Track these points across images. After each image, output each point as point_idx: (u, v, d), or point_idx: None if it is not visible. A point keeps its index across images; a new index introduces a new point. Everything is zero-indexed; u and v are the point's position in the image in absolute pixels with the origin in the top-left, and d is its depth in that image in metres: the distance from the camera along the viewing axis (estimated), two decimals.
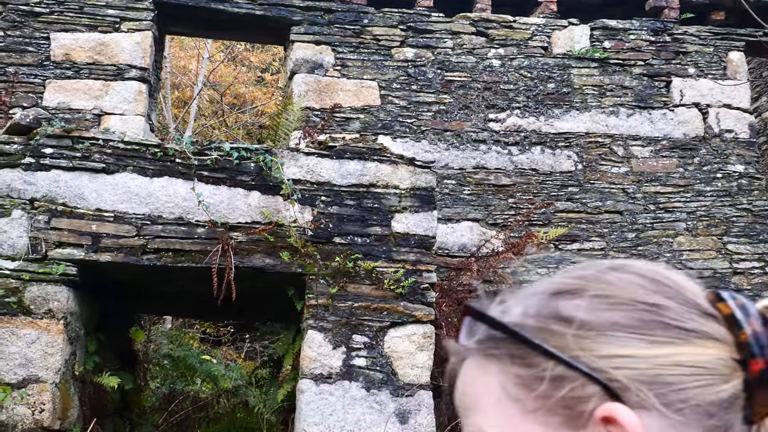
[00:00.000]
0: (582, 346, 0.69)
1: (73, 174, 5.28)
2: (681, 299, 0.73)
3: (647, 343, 0.69)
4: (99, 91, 7.00)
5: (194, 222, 5.32)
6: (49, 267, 5.11)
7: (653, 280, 0.75)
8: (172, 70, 14.14)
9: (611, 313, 0.71)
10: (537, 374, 0.70)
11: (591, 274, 0.76)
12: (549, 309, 0.73)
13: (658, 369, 0.68)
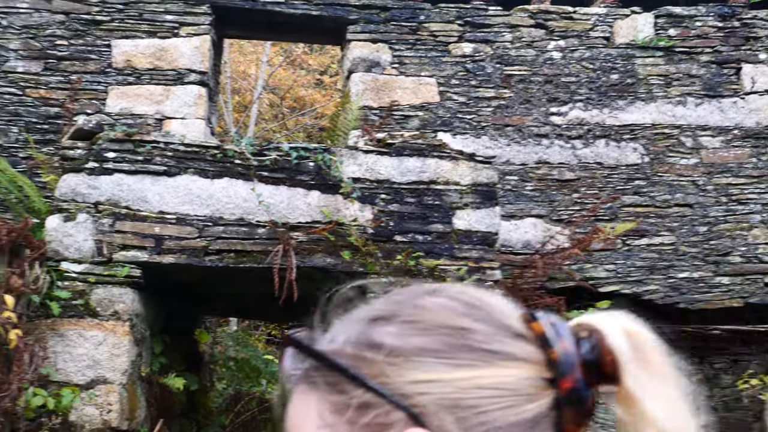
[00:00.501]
0: (389, 372, 0.69)
1: (136, 177, 5.33)
2: (490, 322, 0.73)
3: (450, 367, 0.69)
4: (160, 96, 7.08)
5: (255, 222, 5.32)
6: (115, 269, 5.17)
7: (465, 303, 0.75)
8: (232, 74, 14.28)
9: (419, 338, 0.71)
10: (346, 401, 0.70)
11: (405, 299, 0.76)
12: (365, 336, 0.73)
13: (459, 393, 0.68)
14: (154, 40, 7.21)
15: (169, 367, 5.75)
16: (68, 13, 7.28)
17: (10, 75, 7.09)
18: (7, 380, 4.73)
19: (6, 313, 4.57)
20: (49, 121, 6.98)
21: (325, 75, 16.49)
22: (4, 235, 5.01)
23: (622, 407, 0.73)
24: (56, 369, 4.98)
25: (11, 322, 4.61)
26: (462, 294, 0.76)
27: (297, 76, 16.16)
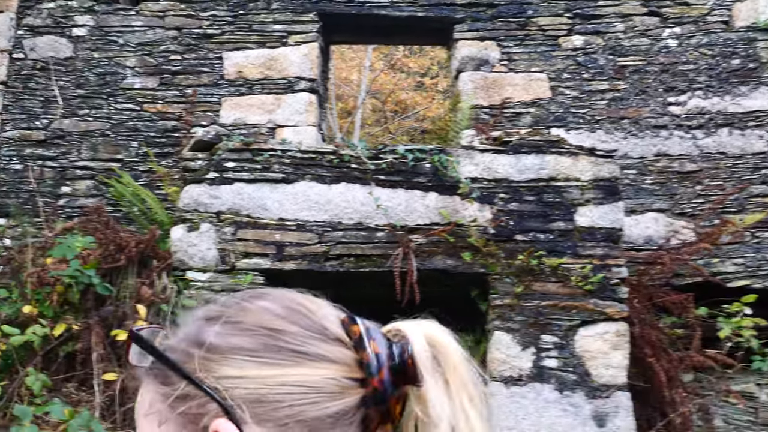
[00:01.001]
0: (207, 367, 0.78)
1: (255, 185, 5.40)
2: (306, 324, 0.81)
3: (259, 365, 0.77)
4: (271, 105, 7.17)
5: (373, 226, 5.30)
6: (238, 277, 5.24)
7: (286, 307, 0.83)
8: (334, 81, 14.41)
9: (237, 338, 0.79)
10: (171, 391, 0.78)
11: (234, 302, 0.85)
12: (195, 333, 0.81)
13: (265, 389, 0.76)
14: (263, 50, 7.31)
15: None
16: (180, 28, 7.47)
17: (128, 91, 7.32)
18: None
19: (139, 322, 4.69)
20: (167, 134, 7.17)
21: (426, 77, 16.44)
22: (133, 247, 5.16)
23: (419, 408, 0.80)
24: None
25: None
26: (284, 298, 0.85)
27: (398, 80, 16.17)
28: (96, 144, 7.20)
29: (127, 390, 4.87)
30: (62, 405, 4.31)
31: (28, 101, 7.41)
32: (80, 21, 7.59)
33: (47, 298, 4.98)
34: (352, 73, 15.77)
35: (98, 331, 4.88)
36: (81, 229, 5.53)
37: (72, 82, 7.38)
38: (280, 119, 7.13)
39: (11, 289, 5.78)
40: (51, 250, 5.34)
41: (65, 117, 7.27)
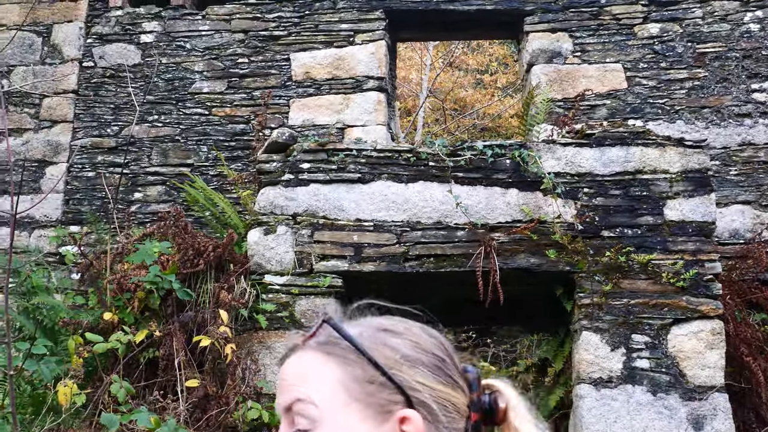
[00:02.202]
0: (401, 369, 1.03)
1: (331, 186, 5.30)
2: (453, 363, 1.09)
3: (436, 381, 1.05)
4: (340, 105, 7.08)
5: (453, 225, 5.16)
6: (316, 280, 5.15)
7: (442, 344, 1.10)
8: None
9: (420, 355, 1.06)
10: (370, 378, 1.02)
11: (405, 326, 1.10)
12: (380, 338, 1.06)
13: (437, 399, 1.03)
14: (330, 50, 7.23)
15: None
16: (247, 31, 7.44)
17: (196, 96, 7.31)
18: (223, 394, 4.79)
19: (221, 328, 4.63)
20: (236, 138, 7.14)
21: (485, 74, 16.23)
22: (210, 251, 5.10)
23: None
24: (266, 381, 5.01)
25: (226, 336, 4.67)
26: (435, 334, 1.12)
27: (457, 78, 15.99)
28: (166, 149, 7.21)
29: (210, 397, 4.81)
30: (148, 413, 4.26)
31: (98, 109, 7.46)
32: (148, 27, 7.61)
33: (128, 305, 4.95)
34: (410, 72, 15.65)
35: (179, 337, 4.83)
36: (158, 234, 5.50)
37: (141, 88, 7.39)
38: (349, 119, 7.03)
39: (88, 296, 5.79)
40: (129, 256, 5.32)
41: (135, 123, 7.28)
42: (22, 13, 7.81)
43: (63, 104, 7.50)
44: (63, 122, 7.45)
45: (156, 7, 7.68)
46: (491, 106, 15.66)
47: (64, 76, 7.55)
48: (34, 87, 7.52)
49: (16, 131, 7.46)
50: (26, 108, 7.54)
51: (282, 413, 1.07)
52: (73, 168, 7.31)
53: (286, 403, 1.06)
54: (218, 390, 4.88)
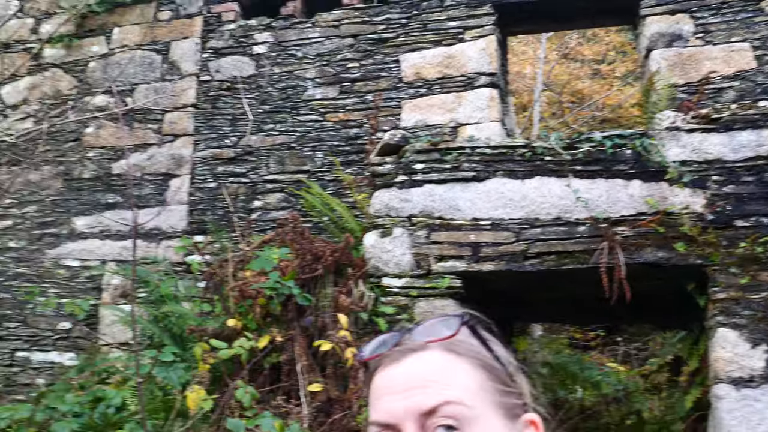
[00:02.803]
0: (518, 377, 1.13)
1: (445, 186, 5.23)
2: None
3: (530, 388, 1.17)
4: (452, 104, 6.99)
5: (573, 220, 4.99)
6: (435, 281, 5.09)
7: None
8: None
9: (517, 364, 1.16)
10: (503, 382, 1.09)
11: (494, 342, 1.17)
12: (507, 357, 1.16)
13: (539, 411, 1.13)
14: (440, 48, 7.16)
15: None
16: (356, 35, 7.46)
17: (310, 103, 7.39)
18: (346, 398, 4.80)
19: (341, 332, 4.63)
20: (350, 142, 7.17)
21: (602, 64, 15.76)
22: (328, 256, 5.13)
23: None
24: None
25: (347, 340, 4.67)
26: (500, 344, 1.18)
27: (572, 70, 15.60)
28: (283, 157, 7.32)
29: (333, 401, 4.83)
30: (272, 417, 4.30)
31: (216, 121, 7.65)
32: (260, 39, 7.76)
33: (250, 311, 5.04)
34: (524, 67, 15.37)
35: (301, 342, 4.88)
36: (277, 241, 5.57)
37: (256, 98, 7.54)
38: (462, 117, 6.93)
39: (215, 303, 5.93)
40: (250, 263, 5.42)
41: (252, 133, 7.44)
42: (142, 33, 8.12)
43: (183, 118, 7.74)
44: (184, 136, 7.69)
45: (267, 18, 7.82)
46: (610, 97, 15.18)
47: (183, 90, 7.80)
48: (155, 103, 7.79)
49: (141, 146, 7.76)
50: (149, 124, 7.83)
51: (413, 416, 1.02)
52: (195, 179, 7.52)
53: (429, 405, 1.01)
54: (340, 394, 4.90)
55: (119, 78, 7.91)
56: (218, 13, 8.01)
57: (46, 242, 7.85)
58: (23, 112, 8.37)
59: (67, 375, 6.82)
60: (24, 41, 8.67)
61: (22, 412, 5.44)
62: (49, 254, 7.80)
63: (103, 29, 8.38)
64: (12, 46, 8.65)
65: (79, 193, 7.87)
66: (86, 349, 7.25)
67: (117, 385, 5.82)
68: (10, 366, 7.54)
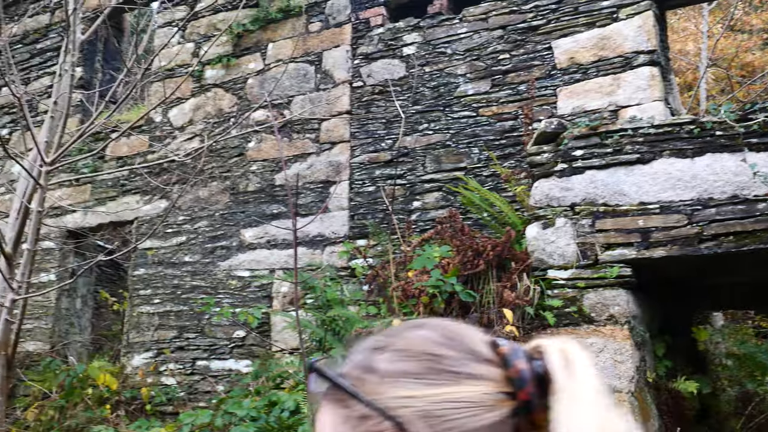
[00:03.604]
0: (379, 391, 0.88)
1: (607, 171, 5.00)
2: (461, 348, 0.92)
3: (425, 385, 0.88)
4: (609, 87, 6.70)
5: (752, 198, 4.62)
6: (602, 271, 4.86)
7: (442, 334, 0.94)
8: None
9: (404, 363, 0.90)
10: (350, 413, 0.89)
11: (398, 332, 0.97)
12: (365, 361, 0.93)
13: (432, 406, 0.86)
14: (593, 30, 6.88)
15: (675, 371, 5.26)
16: (505, 26, 7.32)
17: (462, 99, 7.31)
18: None
19: (508, 327, 4.52)
20: (505, 135, 7.03)
21: None
22: (490, 251, 5.02)
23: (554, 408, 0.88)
24: None
25: (514, 336, 4.55)
26: (440, 327, 0.97)
27: (740, 42, 14.64)
28: (438, 156, 7.28)
29: None
30: None
31: (371, 125, 7.73)
32: (408, 40, 7.77)
33: (414, 310, 5.01)
34: (686, 44, 14.58)
35: None
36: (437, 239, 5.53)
37: (409, 99, 7.55)
38: (622, 99, 6.63)
39: (379, 305, 5.97)
40: (411, 263, 5.40)
41: (406, 134, 7.45)
42: (294, 46, 8.34)
43: (339, 125, 7.87)
44: (341, 142, 7.82)
45: (414, 18, 7.82)
46: None
47: (337, 98, 7.93)
48: (311, 113, 7.97)
49: (301, 156, 7.95)
50: (307, 134, 8.02)
51: None
52: (354, 184, 7.63)
53: None
54: None
55: (276, 92, 8.16)
56: (366, 19, 8.10)
57: (217, 255, 8.20)
58: (190, 132, 8.80)
59: (243, 381, 7.08)
60: (186, 65, 9.12)
61: (203, 417, 5.69)
62: (221, 266, 8.14)
63: (258, 46, 8.68)
64: (176, 71, 9.12)
65: (246, 205, 8.17)
66: (260, 356, 7.50)
67: (290, 389, 5.98)
68: (191, 374, 7.93)
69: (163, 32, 9.50)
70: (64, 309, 9.44)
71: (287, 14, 8.58)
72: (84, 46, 8.39)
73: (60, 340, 9.21)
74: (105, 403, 7.78)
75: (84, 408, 7.71)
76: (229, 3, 9.04)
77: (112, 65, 10.62)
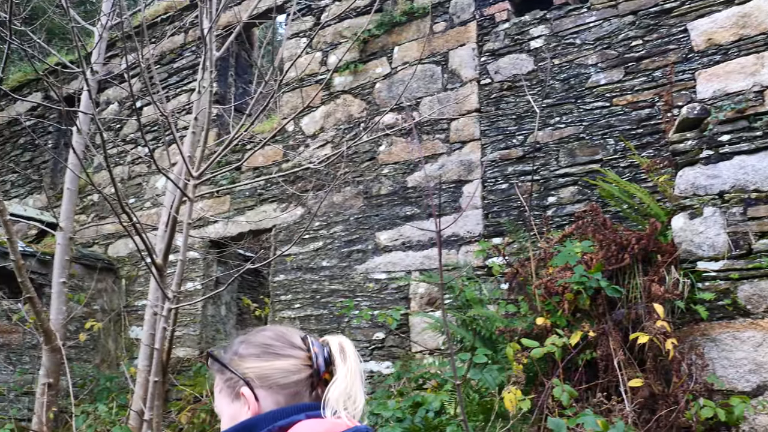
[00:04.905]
0: (239, 364, 1.67)
1: (758, 155, 4.75)
2: (283, 341, 1.69)
3: (261, 361, 1.65)
4: (753, 66, 6.36)
5: None
6: (757, 261, 4.61)
7: (275, 333, 1.72)
8: None
9: (252, 349, 1.69)
10: (225, 377, 1.69)
11: (253, 333, 1.75)
12: (234, 350, 1.72)
13: (263, 371, 1.63)
14: (732, 8, 6.55)
15: None
16: (636, 11, 7.08)
17: (594, 90, 7.13)
18: (670, 392, 4.50)
19: (659, 322, 4.35)
20: (642, 124, 6.79)
21: None
22: (634, 244, 4.86)
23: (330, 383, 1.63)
24: (716, 377, 4.60)
25: (664, 331, 4.38)
26: (275, 329, 1.74)
27: None
28: (572, 149, 7.12)
29: (656, 396, 4.55)
30: (593, 416, 4.14)
31: (501, 122, 7.65)
32: (535, 33, 7.64)
33: (558, 308, 4.92)
34: None
35: (615, 336, 4.66)
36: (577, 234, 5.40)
37: (539, 93, 7.43)
38: (767, 79, 6.27)
39: (519, 304, 5.89)
40: (552, 259, 5.30)
41: (538, 129, 7.33)
42: (420, 48, 8.36)
43: (468, 124, 7.83)
44: (471, 141, 7.78)
45: (540, 10, 7.69)
46: None
47: (465, 97, 7.90)
48: (440, 113, 7.97)
49: (431, 157, 7.96)
50: (437, 134, 8.02)
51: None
52: (486, 183, 7.57)
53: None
54: (664, 389, 4.60)
55: (404, 94, 8.20)
56: (491, 15, 8.03)
57: (354, 258, 8.32)
58: (321, 139, 8.98)
59: (385, 383, 7.14)
60: (315, 74, 9.31)
61: None
62: (357, 269, 8.26)
63: (383, 50, 8.76)
64: (305, 81, 9.33)
65: (379, 209, 8.25)
66: (400, 357, 7.55)
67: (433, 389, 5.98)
68: None
69: (291, 43, 9.75)
70: (210, 316, 9.83)
71: (411, 17, 8.61)
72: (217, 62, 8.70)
73: (207, 345, 9.58)
74: None
75: None
76: (354, 10, 9.16)
77: (244, 79, 10.99)
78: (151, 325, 5.54)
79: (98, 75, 6.38)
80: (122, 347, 10.29)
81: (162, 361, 5.01)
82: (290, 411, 1.57)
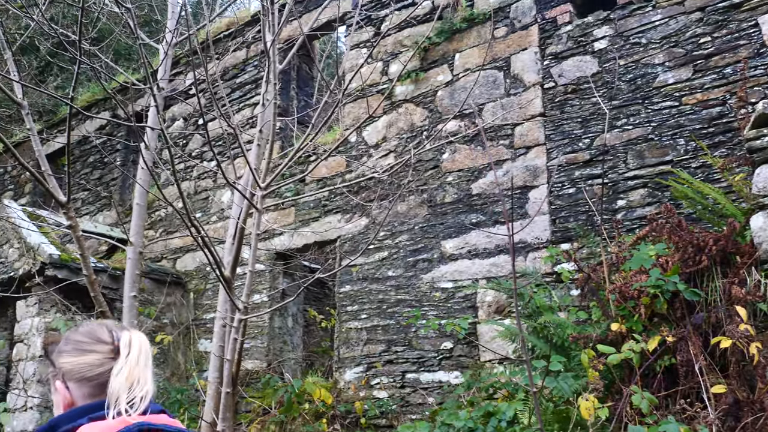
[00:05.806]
0: (58, 359, 1.92)
1: None
2: (91, 338, 1.92)
3: (71, 356, 1.89)
4: None
5: None
6: None
7: (86, 330, 1.96)
8: None
9: (67, 346, 1.93)
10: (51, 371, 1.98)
11: (72, 331, 1.99)
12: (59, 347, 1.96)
13: (72, 366, 1.88)
14: None
15: None
16: (703, 8, 6.90)
17: (662, 89, 6.96)
18: (756, 399, 4.32)
19: (742, 326, 4.19)
20: (713, 123, 6.60)
21: None
22: (712, 246, 4.71)
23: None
24: None
25: (748, 335, 4.22)
26: (87, 327, 1.98)
27: None
28: (641, 151, 6.96)
29: (741, 403, 4.38)
30: (676, 423, 4.00)
31: (566, 125, 7.52)
32: (599, 34, 7.51)
33: (633, 313, 4.78)
34: None
35: (695, 341, 4.50)
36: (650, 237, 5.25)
37: (604, 95, 7.29)
38: None
39: (590, 309, 5.76)
40: (625, 263, 5.16)
41: (606, 131, 7.18)
42: (481, 54, 8.29)
43: (533, 129, 7.73)
44: (536, 146, 7.67)
45: (603, 11, 7.55)
46: None
47: (529, 101, 7.80)
48: (504, 119, 7.88)
49: (496, 163, 7.88)
50: (501, 140, 7.94)
51: None
52: (553, 188, 7.45)
53: None
54: (748, 395, 4.43)
55: (466, 101, 8.14)
56: (553, 18, 7.92)
57: (420, 268, 8.27)
58: (384, 149, 8.97)
59: (455, 392, 7.06)
60: (376, 84, 9.32)
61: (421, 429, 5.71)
62: (424, 279, 8.20)
63: (444, 58, 8.72)
64: (367, 91, 9.34)
65: (444, 217, 8.19)
66: (469, 366, 7.46)
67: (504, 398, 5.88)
68: (402, 387, 8.02)
69: (352, 54, 9.78)
70: (277, 328, 9.88)
71: (471, 23, 8.56)
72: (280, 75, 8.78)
73: (275, 357, 9.63)
74: (321, 417, 8.04)
75: (302, 422, 7.99)
76: (414, 19, 9.15)
77: (306, 92, 11.07)
78: (220, 337, 5.57)
79: (164, 91, 6.48)
80: (191, 360, 10.41)
81: (232, 372, 5.03)
82: (75, 415, 1.82)
